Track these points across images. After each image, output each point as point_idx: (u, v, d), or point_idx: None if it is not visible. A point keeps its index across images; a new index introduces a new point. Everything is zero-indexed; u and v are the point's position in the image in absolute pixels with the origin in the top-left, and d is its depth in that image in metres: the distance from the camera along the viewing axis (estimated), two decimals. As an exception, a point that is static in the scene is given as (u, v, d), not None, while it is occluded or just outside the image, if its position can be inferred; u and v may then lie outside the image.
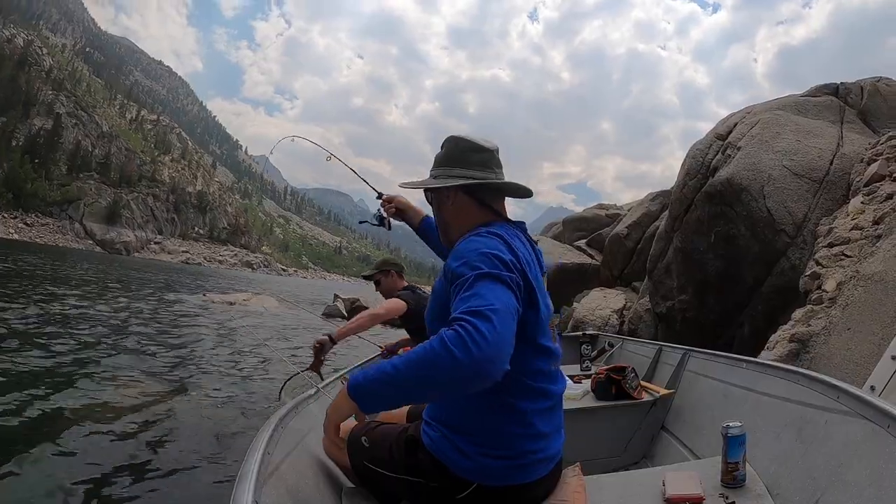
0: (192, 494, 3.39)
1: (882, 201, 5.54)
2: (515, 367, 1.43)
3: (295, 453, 1.84)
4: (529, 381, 1.59)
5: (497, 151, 1.79)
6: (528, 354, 1.56)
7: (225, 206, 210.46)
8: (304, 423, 2.14)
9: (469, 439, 1.58)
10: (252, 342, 9.67)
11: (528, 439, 1.59)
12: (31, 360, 5.99)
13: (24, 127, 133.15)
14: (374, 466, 1.77)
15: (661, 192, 14.36)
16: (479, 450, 1.56)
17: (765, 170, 7.39)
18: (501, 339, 1.28)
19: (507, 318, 1.32)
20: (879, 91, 9.14)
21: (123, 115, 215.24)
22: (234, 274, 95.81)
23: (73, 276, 20.82)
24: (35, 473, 3.35)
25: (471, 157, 1.74)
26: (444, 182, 1.74)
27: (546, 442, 1.64)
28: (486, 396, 1.50)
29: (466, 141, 1.76)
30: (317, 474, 1.88)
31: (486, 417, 1.57)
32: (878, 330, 3.93)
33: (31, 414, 4.37)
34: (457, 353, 1.23)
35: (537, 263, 1.72)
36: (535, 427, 1.60)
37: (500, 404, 1.56)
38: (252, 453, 1.53)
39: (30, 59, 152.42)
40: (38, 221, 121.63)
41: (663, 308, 9.47)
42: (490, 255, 1.47)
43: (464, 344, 1.23)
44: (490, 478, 1.57)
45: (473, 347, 1.23)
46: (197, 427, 4.62)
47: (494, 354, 1.26)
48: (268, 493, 1.40)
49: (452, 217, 1.80)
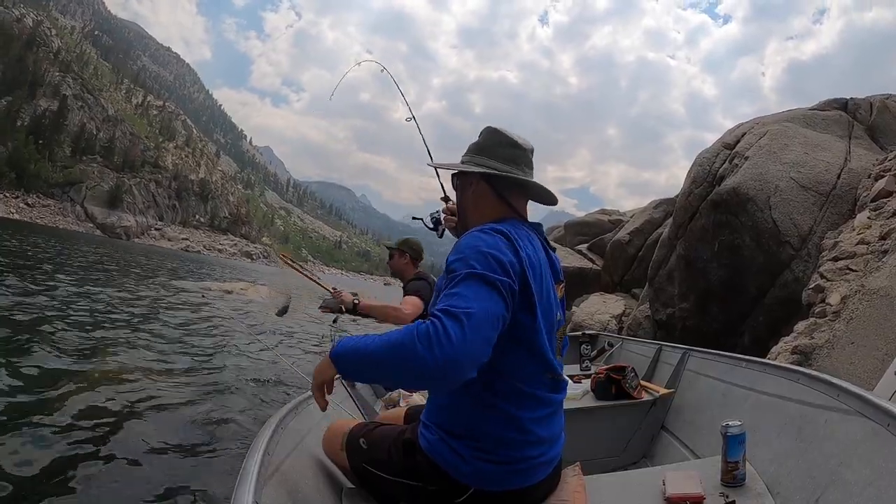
0: (192, 495, 3.35)
1: (889, 217, 5.54)
2: (509, 372, 1.52)
3: (295, 454, 1.84)
4: (527, 388, 1.57)
5: (531, 152, 1.77)
6: (523, 359, 1.56)
7: (227, 196, 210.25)
8: (304, 423, 2.15)
9: (466, 444, 1.56)
10: (249, 338, 9.61)
11: (526, 445, 1.58)
12: (22, 352, 5.86)
13: (29, 107, 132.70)
14: (373, 469, 1.76)
15: (665, 199, 14.37)
16: (476, 454, 1.54)
17: (772, 180, 7.38)
18: (468, 344, 1.26)
19: (482, 324, 1.31)
20: (888, 108, 9.16)
21: (129, 100, 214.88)
22: (234, 263, 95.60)
23: (70, 260, 20.72)
24: (30, 477, 3.26)
25: (502, 150, 1.73)
26: (467, 167, 1.75)
27: (545, 447, 1.63)
28: (481, 401, 1.53)
29: (502, 134, 1.75)
30: (317, 475, 1.88)
31: (482, 423, 1.56)
32: (883, 345, 3.92)
33: (25, 417, 4.18)
34: (420, 350, 1.24)
35: (551, 270, 1.70)
36: (534, 433, 1.59)
37: (497, 410, 1.55)
38: (252, 454, 1.54)
39: (38, 40, 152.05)
40: (40, 202, 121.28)
41: (663, 315, 9.45)
42: (487, 254, 1.45)
43: (429, 342, 1.24)
44: (487, 482, 1.55)
45: (437, 348, 1.23)
46: (195, 428, 4.55)
47: (457, 358, 1.25)
48: (268, 494, 1.41)
49: (470, 204, 1.80)
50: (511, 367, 1.51)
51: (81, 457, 3.59)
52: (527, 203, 1.81)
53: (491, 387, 1.52)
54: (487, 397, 1.53)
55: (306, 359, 9.21)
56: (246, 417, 4.97)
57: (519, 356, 1.53)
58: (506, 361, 1.50)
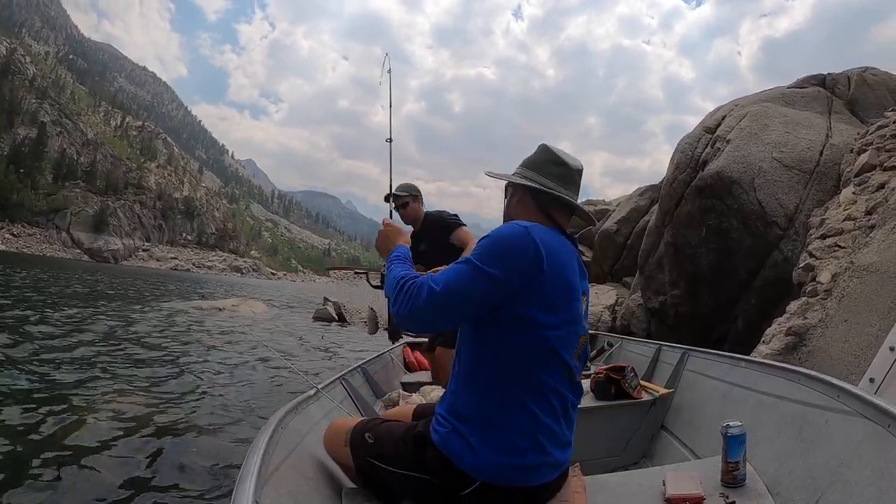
0: (193, 496, 3.40)
1: (874, 191, 5.53)
2: (526, 366, 1.60)
3: (295, 454, 1.85)
4: (543, 383, 1.62)
5: (579, 173, 1.92)
6: (539, 355, 1.62)
7: (212, 212, 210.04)
8: (304, 423, 2.16)
9: (477, 432, 1.59)
10: (244, 346, 9.63)
11: (538, 439, 1.60)
12: (23, 372, 5.94)
13: (8, 136, 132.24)
14: (379, 463, 1.77)
15: (650, 186, 14.41)
16: (486, 444, 1.57)
17: (755, 162, 7.40)
18: (427, 309, 1.58)
19: (450, 297, 1.57)
20: (866, 81, 9.20)
21: (108, 122, 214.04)
22: (223, 279, 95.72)
23: (57, 289, 20.60)
24: (34, 476, 3.38)
25: (549, 167, 1.88)
26: (514, 178, 1.91)
27: (556, 446, 1.64)
28: (497, 390, 1.60)
29: (552, 153, 1.90)
30: (317, 475, 1.89)
31: (496, 412, 1.59)
32: (876, 321, 3.91)
33: (29, 419, 4.42)
34: (402, 295, 1.61)
35: (579, 279, 1.78)
36: (547, 427, 1.61)
37: (511, 401, 1.59)
38: (252, 454, 1.54)
39: (13, 68, 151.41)
40: (25, 231, 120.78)
41: (655, 303, 9.47)
42: (498, 248, 1.61)
43: (410, 294, 1.59)
44: (495, 477, 1.57)
45: (411, 300, 1.58)
46: (195, 429, 4.63)
47: (417, 314, 1.59)
48: (268, 494, 1.41)
49: (514, 211, 1.92)
50: (528, 362, 1.60)
51: (81, 457, 3.71)
52: (569, 218, 1.92)
53: (508, 377, 1.60)
54: (503, 387, 1.60)
55: (307, 357, 9.35)
56: (246, 418, 5.06)
57: (535, 351, 1.60)
58: (522, 355, 1.60)
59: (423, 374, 5.24)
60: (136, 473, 3.60)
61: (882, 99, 8.84)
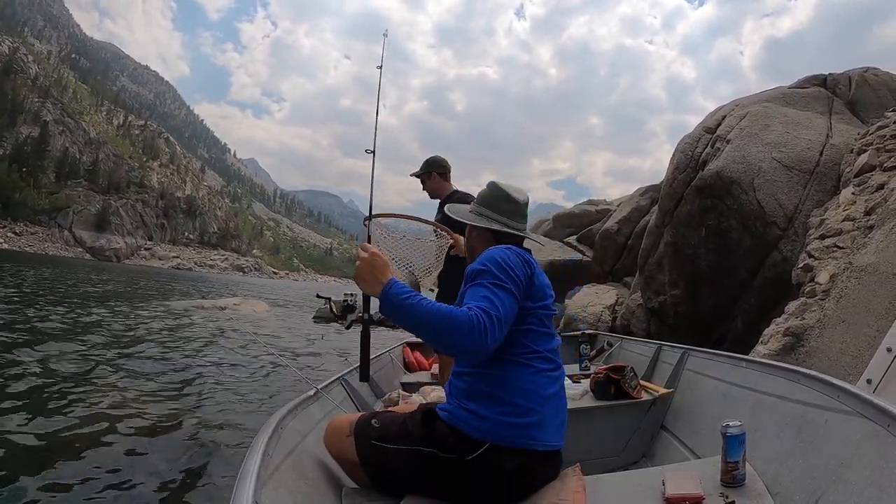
0: (193, 495, 3.41)
1: (873, 192, 5.53)
2: (526, 338, 1.89)
3: (295, 454, 1.87)
4: (538, 349, 1.91)
5: (526, 204, 2.25)
6: (534, 329, 1.93)
7: (214, 211, 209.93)
8: (304, 423, 2.18)
9: (485, 402, 1.81)
10: (245, 346, 9.63)
11: (537, 393, 1.84)
12: (27, 371, 5.95)
13: (10, 135, 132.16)
14: (384, 444, 1.87)
15: (650, 186, 14.37)
16: (494, 408, 1.79)
17: (754, 162, 7.40)
18: (496, 339, 1.67)
19: (504, 325, 1.72)
20: (867, 81, 9.18)
21: (110, 121, 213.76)
22: (226, 278, 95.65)
23: (60, 288, 20.59)
24: (32, 475, 3.39)
25: (501, 204, 2.21)
26: (478, 221, 2.21)
27: (552, 403, 1.89)
28: (505, 359, 1.84)
29: (502, 191, 2.23)
30: (316, 475, 1.92)
31: (501, 379, 1.84)
32: (873, 322, 3.90)
33: (34, 419, 4.42)
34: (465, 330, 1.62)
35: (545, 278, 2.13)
36: (543, 386, 1.87)
37: (515, 364, 1.86)
38: (252, 454, 1.55)
39: (15, 67, 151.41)
40: (28, 230, 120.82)
41: (655, 303, 9.46)
42: (503, 264, 1.85)
43: (472, 329, 1.62)
44: (502, 437, 1.77)
45: (478, 335, 1.62)
46: (195, 429, 4.63)
47: (487, 346, 1.65)
48: (268, 494, 1.43)
49: (477, 243, 2.25)
50: (526, 335, 1.89)
51: (80, 456, 3.74)
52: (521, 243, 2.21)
53: (508, 355, 1.84)
54: (509, 356, 1.84)
55: (307, 357, 9.35)
56: (246, 418, 5.06)
57: (531, 326, 1.91)
58: (523, 331, 1.88)
59: (422, 374, 5.25)
60: (136, 472, 3.60)
61: (883, 99, 8.81)
